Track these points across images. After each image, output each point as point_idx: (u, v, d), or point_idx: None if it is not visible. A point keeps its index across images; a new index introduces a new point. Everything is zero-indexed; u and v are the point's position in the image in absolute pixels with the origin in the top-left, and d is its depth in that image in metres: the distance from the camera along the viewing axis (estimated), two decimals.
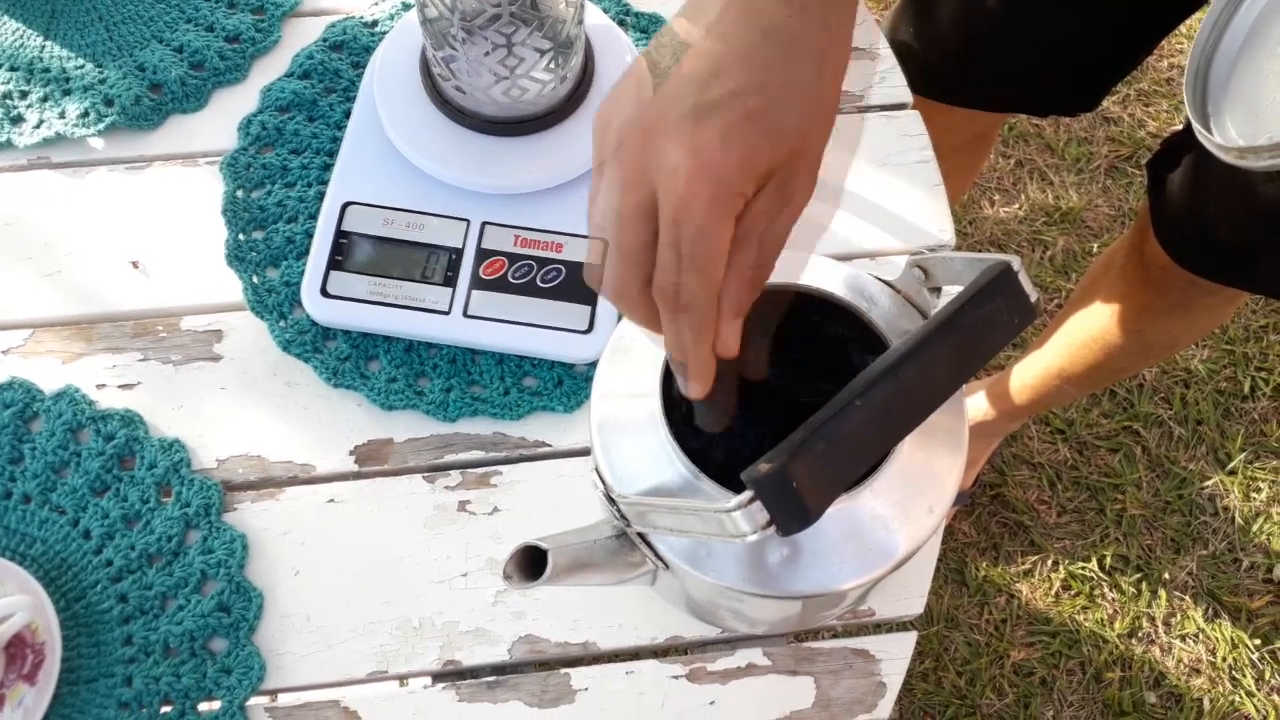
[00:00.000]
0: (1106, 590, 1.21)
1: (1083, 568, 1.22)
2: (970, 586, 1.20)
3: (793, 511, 0.35)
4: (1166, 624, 1.20)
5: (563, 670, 0.54)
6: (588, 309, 0.60)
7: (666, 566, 0.45)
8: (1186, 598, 1.21)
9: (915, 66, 0.74)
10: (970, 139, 0.93)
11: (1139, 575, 1.21)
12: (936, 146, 0.68)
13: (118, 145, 0.67)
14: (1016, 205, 1.42)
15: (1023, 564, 1.22)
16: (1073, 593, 1.21)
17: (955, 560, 1.21)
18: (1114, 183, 1.44)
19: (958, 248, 1.30)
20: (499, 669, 0.54)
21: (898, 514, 0.43)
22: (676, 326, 0.38)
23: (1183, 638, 1.19)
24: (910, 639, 0.56)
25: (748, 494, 0.35)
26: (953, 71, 0.80)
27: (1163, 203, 0.78)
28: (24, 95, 0.67)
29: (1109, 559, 1.22)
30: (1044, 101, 0.83)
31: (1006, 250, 1.38)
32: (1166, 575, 1.21)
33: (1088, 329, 0.92)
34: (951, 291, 0.45)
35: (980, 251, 1.44)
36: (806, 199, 0.38)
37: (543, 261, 0.61)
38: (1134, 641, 1.19)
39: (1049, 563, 1.22)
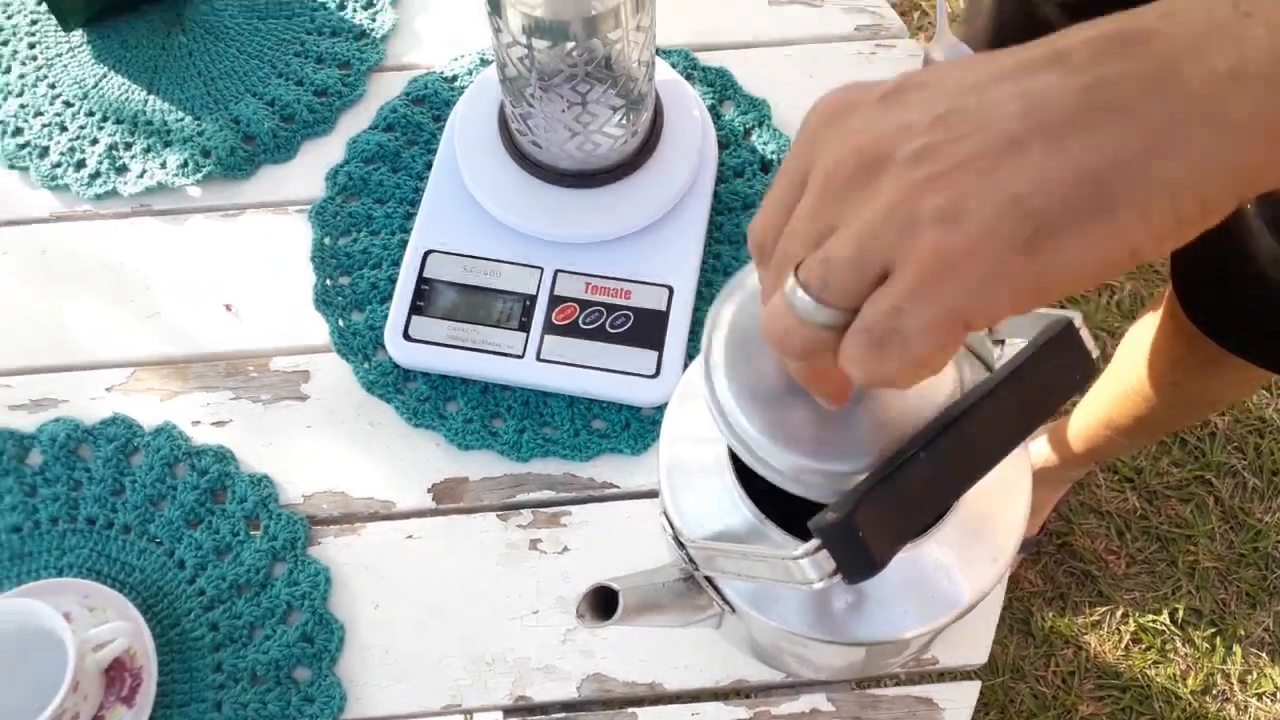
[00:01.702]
0: (1179, 644, 1.18)
1: (1154, 620, 1.19)
2: (1036, 636, 1.18)
3: (858, 561, 0.36)
4: (1242, 681, 1.16)
5: (630, 709, 0.56)
6: (655, 354, 0.62)
7: (733, 610, 0.46)
8: (1263, 654, 1.17)
9: None
10: None
11: (1213, 630, 1.18)
12: None
13: (213, 194, 0.71)
14: None
15: (1091, 615, 1.19)
16: (1143, 646, 1.18)
17: (1021, 609, 1.19)
18: None
19: None
20: (568, 705, 0.56)
21: (961, 563, 0.44)
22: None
23: (1259, 696, 1.15)
24: (974, 688, 0.56)
25: (815, 542, 0.36)
26: None
27: (1182, 260, 0.78)
28: (128, 147, 0.72)
29: (1181, 612, 1.19)
30: None
31: (1074, 295, 1.37)
32: (1242, 630, 1.18)
33: (1128, 379, 0.91)
34: (1014, 343, 0.45)
35: None
36: None
37: (612, 308, 0.63)
38: (1208, 699, 1.15)
39: (1118, 614, 1.19)
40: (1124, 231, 0.26)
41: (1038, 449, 1.12)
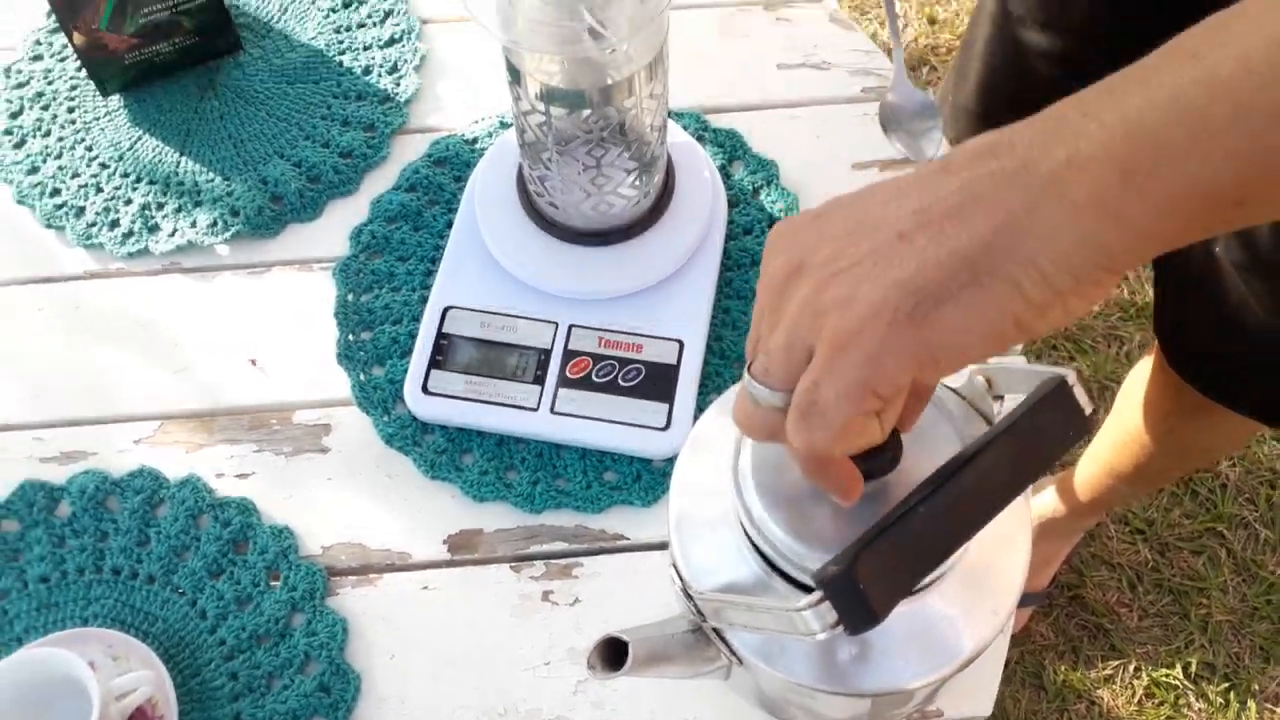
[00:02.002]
0: (1192, 699, 1.17)
1: (1167, 675, 1.18)
2: (1049, 691, 1.17)
3: (859, 612, 0.37)
4: None
5: None
6: (665, 406, 0.63)
7: (740, 662, 0.47)
8: (1278, 710, 1.16)
9: (952, 132, 0.78)
10: None
11: (1226, 685, 1.17)
12: None
13: (241, 252, 0.73)
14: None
15: (1103, 669, 1.19)
16: (1157, 701, 1.17)
17: (1033, 663, 1.19)
18: None
19: (1032, 343, 1.31)
20: None
21: (963, 615, 0.45)
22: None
23: None
24: None
25: (817, 594, 0.37)
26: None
27: (1163, 305, 0.80)
28: (160, 207, 0.75)
29: (1194, 666, 1.18)
30: None
31: (1082, 345, 1.38)
32: (1256, 685, 1.17)
33: (1127, 427, 0.93)
34: (1014, 399, 0.47)
35: (1052, 353, 1.44)
36: None
37: (624, 361, 0.65)
38: None
39: (1131, 668, 1.19)
40: (999, 301, 0.30)
41: (1046, 499, 1.13)
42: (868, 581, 0.37)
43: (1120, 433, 0.95)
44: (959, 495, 0.39)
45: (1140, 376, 0.92)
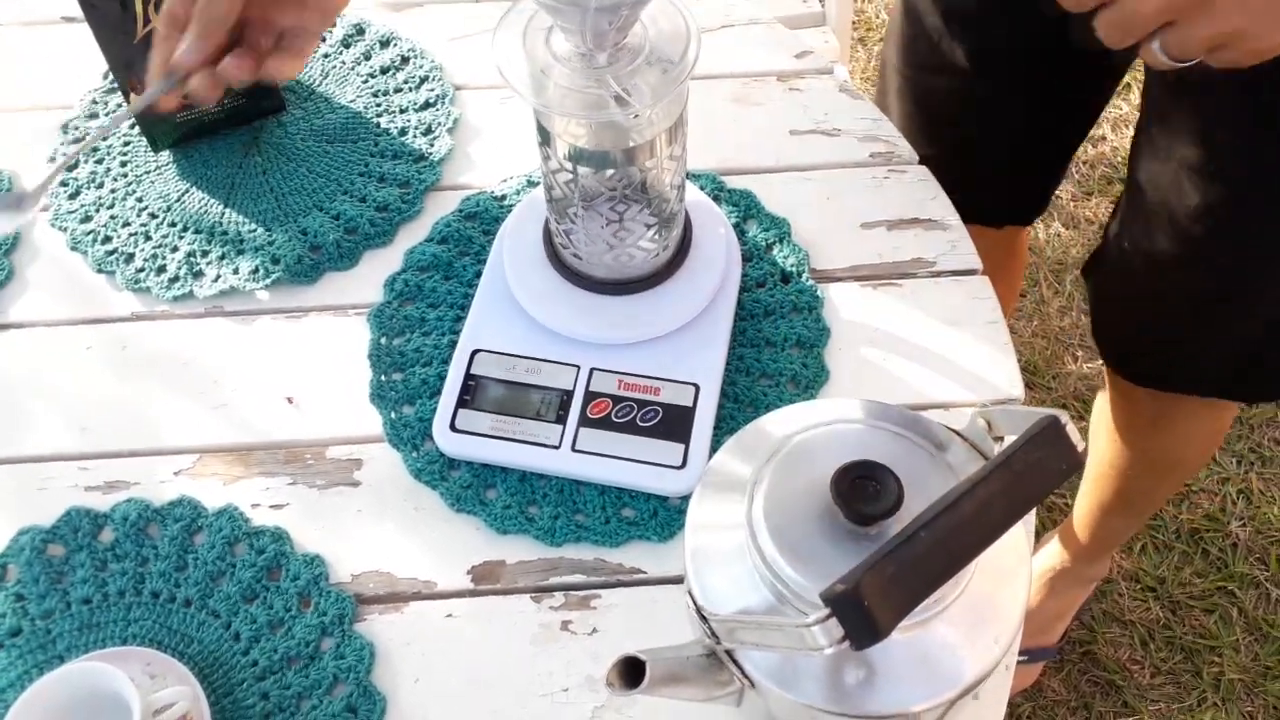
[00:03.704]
0: None
1: None
2: None
3: (864, 628, 0.40)
4: None
5: None
6: (681, 447, 0.66)
7: (752, 685, 0.49)
8: None
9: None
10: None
11: None
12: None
13: (280, 297, 0.77)
14: (1099, 361, 1.45)
15: None
16: None
17: (1045, 719, 1.19)
18: None
19: (1042, 402, 1.34)
20: None
21: (965, 643, 0.47)
22: None
23: None
24: None
25: (824, 610, 0.40)
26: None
27: (1095, 304, 0.86)
28: (205, 254, 0.79)
29: None
30: (993, 211, 0.93)
31: (1089, 404, 1.40)
32: None
33: (1100, 456, 0.97)
34: (1012, 439, 0.50)
35: (1061, 411, 1.46)
36: None
37: (642, 403, 0.68)
38: None
39: None
40: None
41: (1051, 550, 1.14)
42: (872, 600, 0.40)
43: (1096, 463, 0.98)
44: (957, 523, 0.42)
45: (1103, 403, 0.95)
